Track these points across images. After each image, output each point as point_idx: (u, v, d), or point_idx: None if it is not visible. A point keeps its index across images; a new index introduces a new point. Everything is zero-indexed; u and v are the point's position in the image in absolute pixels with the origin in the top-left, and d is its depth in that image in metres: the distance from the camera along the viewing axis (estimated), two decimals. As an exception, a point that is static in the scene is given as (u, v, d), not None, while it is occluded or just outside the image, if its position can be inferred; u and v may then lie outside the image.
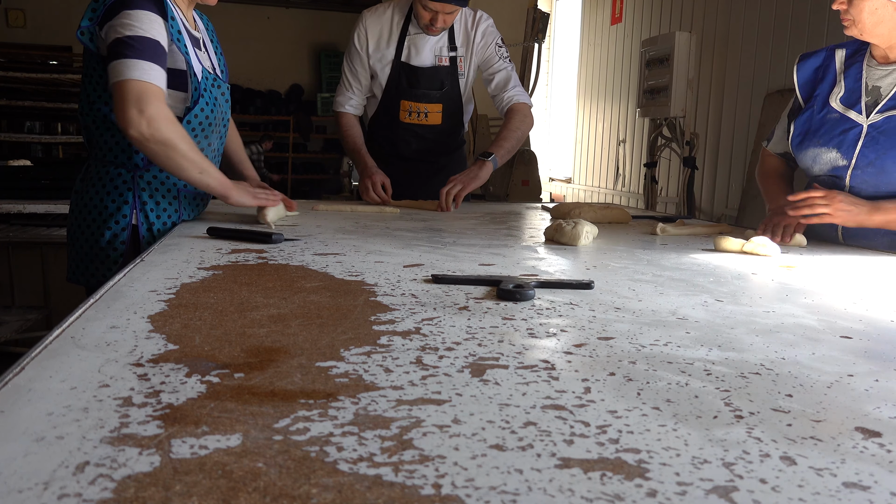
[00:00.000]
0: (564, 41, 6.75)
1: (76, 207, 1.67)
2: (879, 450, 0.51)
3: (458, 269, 1.16)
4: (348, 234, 1.56)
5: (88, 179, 1.65)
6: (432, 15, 2.23)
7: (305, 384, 0.60)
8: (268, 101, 10.43)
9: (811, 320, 0.90)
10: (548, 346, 0.75)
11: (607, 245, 1.54)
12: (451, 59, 2.40)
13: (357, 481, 0.44)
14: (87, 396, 0.56)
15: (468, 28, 2.40)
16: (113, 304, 0.86)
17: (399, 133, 2.47)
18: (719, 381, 0.65)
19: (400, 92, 2.41)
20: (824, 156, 1.68)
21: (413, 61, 2.38)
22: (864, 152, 1.61)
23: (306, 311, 0.85)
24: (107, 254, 1.62)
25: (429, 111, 2.44)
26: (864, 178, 1.62)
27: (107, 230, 1.61)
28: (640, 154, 4.81)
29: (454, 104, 2.46)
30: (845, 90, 1.69)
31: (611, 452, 0.49)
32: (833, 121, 1.68)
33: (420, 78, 2.39)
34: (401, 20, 2.37)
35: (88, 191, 1.64)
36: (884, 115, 1.60)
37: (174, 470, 0.44)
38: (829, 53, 1.77)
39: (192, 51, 1.62)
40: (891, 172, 1.57)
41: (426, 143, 2.48)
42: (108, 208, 1.62)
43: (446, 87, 2.42)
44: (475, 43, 2.40)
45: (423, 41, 2.37)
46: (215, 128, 1.71)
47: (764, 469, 0.47)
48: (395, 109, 2.43)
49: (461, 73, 2.42)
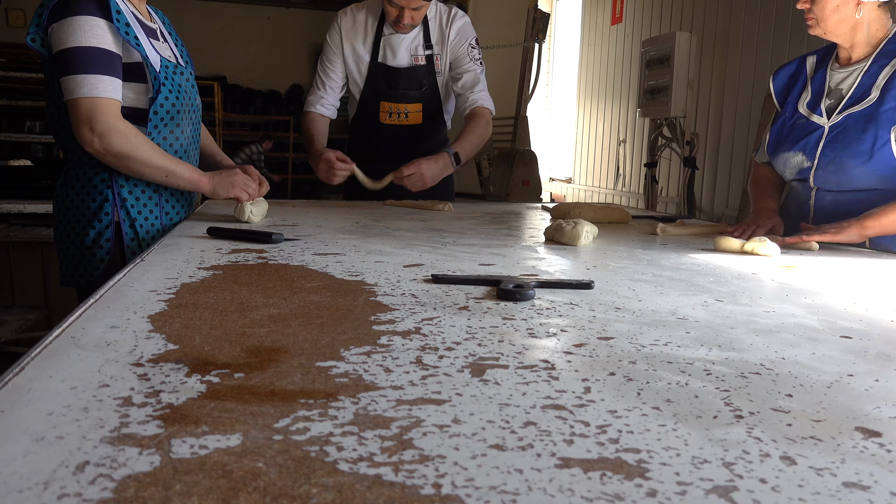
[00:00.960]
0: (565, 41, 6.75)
1: (59, 211, 1.68)
2: (879, 450, 0.51)
3: (458, 269, 1.16)
4: (348, 233, 1.56)
5: (68, 182, 1.66)
6: (398, 11, 2.21)
7: (305, 384, 0.60)
8: (268, 101, 10.44)
9: (811, 320, 0.90)
10: (548, 345, 0.75)
11: (607, 245, 1.54)
12: (427, 57, 2.39)
13: (357, 481, 0.44)
14: (87, 396, 0.56)
15: (443, 25, 2.38)
16: (113, 303, 0.86)
17: (380, 135, 2.46)
18: (719, 380, 0.65)
19: (378, 93, 2.39)
20: (792, 160, 1.74)
21: (389, 62, 2.37)
22: (824, 152, 1.66)
23: (306, 311, 0.85)
24: (93, 253, 1.63)
25: (409, 111, 2.43)
26: (825, 177, 1.66)
27: (90, 230, 1.62)
28: (641, 154, 4.81)
29: (434, 103, 2.45)
30: (811, 94, 1.74)
31: (611, 452, 0.49)
32: (800, 125, 1.75)
33: (398, 78, 2.38)
34: (374, 21, 2.35)
35: (69, 193, 1.65)
36: (842, 115, 1.64)
37: (174, 470, 0.44)
38: (801, 61, 1.84)
39: (148, 42, 1.62)
40: (849, 169, 1.62)
41: (409, 143, 2.47)
42: (89, 208, 1.63)
43: (424, 86, 2.41)
44: (449, 40, 2.38)
45: (398, 41, 2.35)
46: (185, 114, 1.71)
47: (764, 469, 0.47)
48: (375, 111, 2.42)
49: (438, 70, 2.41)
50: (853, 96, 1.64)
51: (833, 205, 1.68)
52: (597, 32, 5.69)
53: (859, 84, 1.64)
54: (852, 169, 1.61)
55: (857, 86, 1.64)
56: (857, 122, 1.61)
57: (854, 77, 1.66)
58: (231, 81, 10.23)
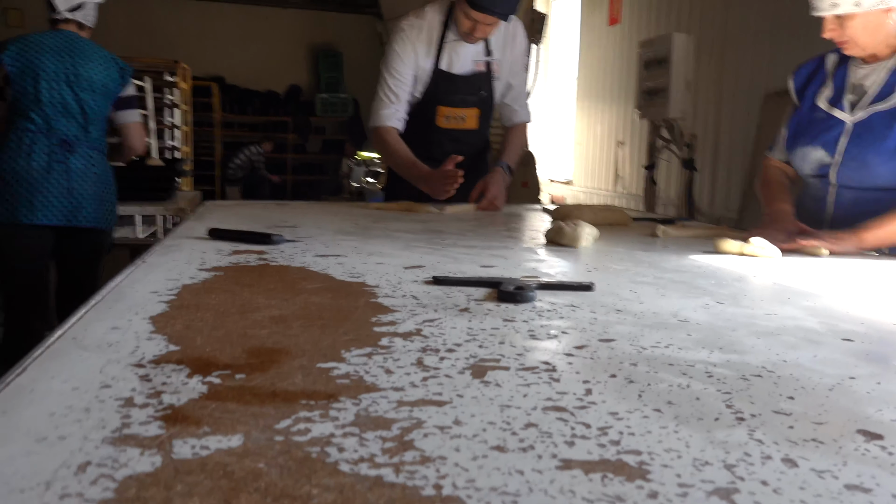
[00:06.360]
0: (563, 42, 6.76)
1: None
2: (881, 452, 0.51)
3: (458, 271, 1.16)
4: (349, 235, 1.56)
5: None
6: (473, 24, 2.22)
7: (307, 385, 0.60)
8: (266, 102, 10.44)
9: (812, 323, 0.90)
10: (549, 347, 0.75)
11: (608, 247, 1.54)
12: (486, 63, 2.40)
13: (358, 482, 0.44)
14: (89, 397, 0.56)
15: (505, 32, 2.39)
16: (114, 305, 0.86)
17: (434, 137, 2.45)
18: (721, 383, 0.65)
19: (437, 98, 2.40)
20: (811, 154, 1.72)
21: (452, 69, 2.37)
22: (848, 148, 1.64)
23: (307, 313, 0.85)
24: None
25: (466, 115, 2.44)
26: (848, 173, 1.65)
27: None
28: (640, 156, 4.81)
29: (488, 107, 2.47)
30: (833, 90, 1.73)
31: (612, 454, 0.49)
32: (819, 120, 1.73)
33: (459, 84, 2.38)
34: (439, 28, 2.35)
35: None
36: (867, 112, 1.63)
37: (175, 470, 0.44)
38: (821, 59, 1.83)
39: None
40: (873, 167, 1.61)
41: (459, 147, 2.46)
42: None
43: (483, 92, 2.42)
44: (512, 49, 2.42)
45: (462, 49, 2.36)
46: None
47: (765, 471, 0.47)
48: (432, 115, 2.42)
49: (496, 76, 2.43)
50: (879, 93, 1.63)
51: (853, 202, 1.66)
52: (595, 33, 5.70)
53: (887, 82, 1.62)
54: (877, 166, 1.59)
55: (885, 84, 1.63)
56: (884, 120, 1.60)
57: (879, 74, 1.64)
58: (229, 82, 10.23)
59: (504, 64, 2.43)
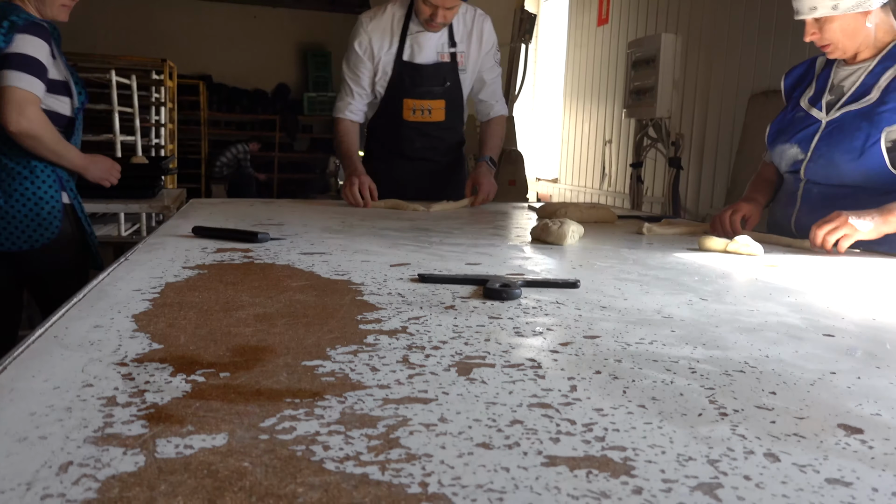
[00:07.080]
0: (551, 42, 6.77)
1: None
2: (861, 446, 0.52)
3: (444, 269, 1.16)
4: (334, 233, 1.56)
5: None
6: (432, 10, 2.23)
7: (291, 383, 0.60)
8: (254, 101, 10.37)
9: (794, 319, 0.91)
10: (534, 344, 0.75)
11: (593, 244, 1.54)
12: (451, 55, 2.41)
13: (343, 480, 0.44)
14: (71, 396, 0.55)
15: (467, 24, 2.41)
16: (97, 303, 0.86)
17: (403, 132, 2.46)
18: (704, 378, 0.66)
19: (403, 90, 2.40)
20: (788, 151, 1.78)
21: (416, 59, 2.38)
22: (818, 146, 1.69)
23: (292, 311, 0.85)
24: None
25: (432, 108, 2.44)
26: (815, 170, 1.71)
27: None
28: (626, 154, 4.83)
29: (456, 100, 2.47)
30: (814, 90, 1.77)
31: (597, 450, 0.49)
32: (799, 119, 1.79)
33: (423, 75, 2.39)
34: (401, 19, 2.36)
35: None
36: (840, 112, 1.66)
37: (159, 470, 0.44)
38: (811, 62, 1.88)
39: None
40: (838, 165, 1.65)
41: (430, 141, 2.48)
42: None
43: (448, 83, 2.42)
44: (479, 42, 2.43)
45: (425, 39, 2.37)
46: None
47: (748, 466, 0.48)
48: (399, 108, 2.42)
49: (462, 68, 2.43)
50: (854, 94, 1.67)
51: (819, 197, 1.70)
52: (583, 33, 5.71)
53: (862, 83, 1.66)
54: (842, 165, 1.63)
55: (860, 84, 1.66)
56: (854, 120, 1.64)
57: (857, 75, 1.68)
58: (216, 80, 10.16)
59: (471, 56, 2.43)
